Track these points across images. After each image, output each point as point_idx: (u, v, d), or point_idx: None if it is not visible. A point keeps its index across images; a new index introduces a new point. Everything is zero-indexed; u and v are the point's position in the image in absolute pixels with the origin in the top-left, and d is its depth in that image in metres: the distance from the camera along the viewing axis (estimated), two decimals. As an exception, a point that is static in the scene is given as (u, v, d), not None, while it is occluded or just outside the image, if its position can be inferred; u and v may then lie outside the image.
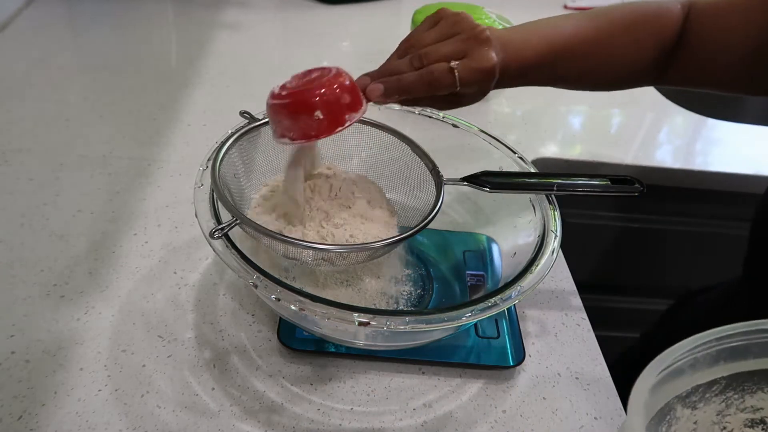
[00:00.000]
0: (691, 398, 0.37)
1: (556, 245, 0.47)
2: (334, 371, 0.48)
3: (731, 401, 0.38)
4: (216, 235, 0.41)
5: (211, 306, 0.52)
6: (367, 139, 0.54)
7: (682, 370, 0.35)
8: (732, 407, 0.39)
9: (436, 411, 0.46)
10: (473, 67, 0.44)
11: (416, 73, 0.44)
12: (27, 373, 0.45)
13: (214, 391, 0.45)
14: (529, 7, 1.06)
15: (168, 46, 0.94)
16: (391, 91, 0.44)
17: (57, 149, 0.68)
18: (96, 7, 1.00)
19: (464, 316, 0.40)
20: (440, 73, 0.44)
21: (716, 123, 0.89)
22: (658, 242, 0.95)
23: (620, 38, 0.53)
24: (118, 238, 0.57)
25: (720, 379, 0.37)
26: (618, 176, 0.51)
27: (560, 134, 0.82)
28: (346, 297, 0.51)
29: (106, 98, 0.78)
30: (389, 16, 1.11)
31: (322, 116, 0.41)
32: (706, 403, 0.38)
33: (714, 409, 0.38)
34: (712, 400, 0.38)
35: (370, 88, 0.44)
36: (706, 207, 0.87)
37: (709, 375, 0.37)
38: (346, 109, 0.42)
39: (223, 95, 0.81)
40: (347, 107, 0.42)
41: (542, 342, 0.52)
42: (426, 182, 0.51)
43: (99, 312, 0.50)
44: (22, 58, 0.84)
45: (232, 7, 1.06)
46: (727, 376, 0.37)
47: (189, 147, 0.70)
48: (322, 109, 0.41)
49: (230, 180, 0.48)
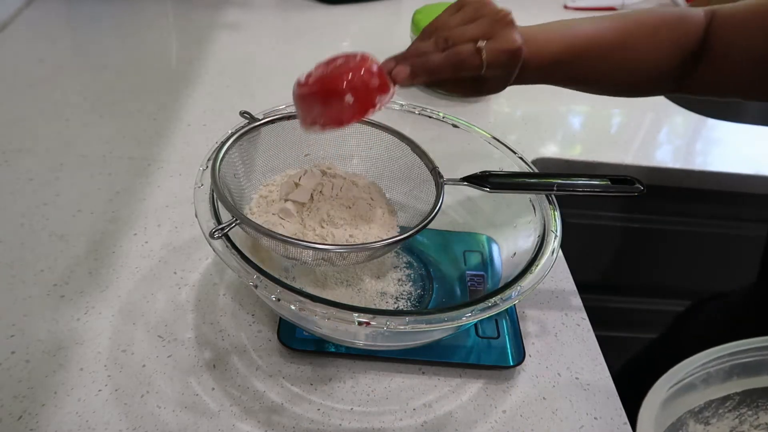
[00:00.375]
0: (704, 413, 0.36)
1: (556, 245, 0.47)
2: (334, 371, 0.48)
3: (745, 417, 0.38)
4: (216, 235, 0.41)
5: (211, 306, 0.52)
6: (368, 139, 0.54)
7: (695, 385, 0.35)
8: (746, 423, 0.38)
9: (436, 411, 0.46)
10: (499, 48, 0.44)
11: (443, 55, 0.44)
12: (27, 373, 0.45)
13: (214, 391, 0.45)
14: (529, 8, 1.06)
15: (168, 46, 0.94)
16: (418, 72, 0.44)
17: (57, 149, 0.68)
18: (96, 7, 1.00)
19: (464, 316, 0.40)
20: (467, 54, 0.44)
21: (716, 123, 0.89)
22: (658, 242, 0.95)
23: (643, 41, 0.52)
24: (118, 238, 0.57)
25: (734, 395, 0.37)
26: (618, 176, 0.51)
27: (560, 134, 0.82)
28: (346, 297, 0.51)
29: (106, 98, 0.78)
30: (389, 16, 1.11)
31: (353, 100, 0.41)
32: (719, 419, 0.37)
33: (727, 425, 0.38)
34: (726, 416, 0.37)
35: (396, 70, 0.43)
36: (706, 207, 0.87)
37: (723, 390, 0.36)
38: (376, 91, 0.42)
39: (223, 95, 0.81)
40: (377, 90, 0.42)
41: (542, 342, 0.52)
42: (426, 182, 0.51)
43: (99, 312, 0.50)
44: (22, 58, 0.84)
45: (232, 7, 1.06)
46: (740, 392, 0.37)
47: (189, 147, 0.70)
48: (353, 93, 0.41)
49: (230, 180, 0.48)
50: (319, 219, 0.47)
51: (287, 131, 0.52)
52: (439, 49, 0.44)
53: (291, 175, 0.51)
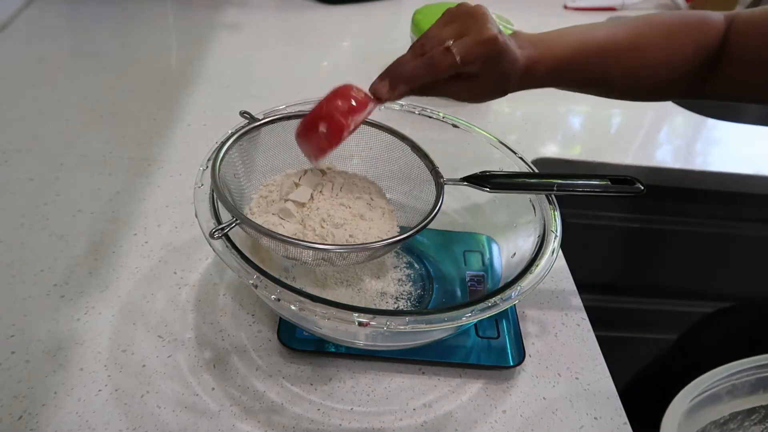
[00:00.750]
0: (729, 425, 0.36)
1: (556, 245, 0.47)
2: (334, 371, 0.48)
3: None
4: (216, 235, 0.41)
5: (211, 306, 0.52)
6: (368, 140, 0.54)
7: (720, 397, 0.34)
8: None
9: (436, 411, 0.46)
10: (472, 41, 0.44)
11: (417, 60, 0.44)
12: (27, 373, 0.45)
13: (214, 391, 0.45)
14: (529, 8, 1.06)
15: (168, 46, 0.94)
16: (395, 81, 0.44)
17: (57, 149, 0.68)
18: (96, 7, 1.00)
19: (464, 316, 0.40)
20: (438, 54, 0.44)
21: (716, 123, 0.89)
22: (658, 242, 0.95)
23: (657, 44, 0.52)
24: (118, 238, 0.57)
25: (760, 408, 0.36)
26: (618, 176, 0.51)
27: (560, 134, 0.82)
28: (346, 297, 0.51)
29: (106, 98, 0.78)
30: (389, 16, 1.11)
31: (326, 128, 0.44)
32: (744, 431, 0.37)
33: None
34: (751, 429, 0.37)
35: (375, 87, 0.44)
36: (706, 207, 0.87)
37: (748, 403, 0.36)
38: (348, 113, 0.44)
39: (223, 95, 0.81)
40: (348, 111, 0.44)
41: (542, 342, 0.52)
42: (426, 182, 0.51)
43: (99, 312, 0.50)
44: (22, 58, 0.84)
45: (232, 7, 1.06)
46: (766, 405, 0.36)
47: (189, 147, 0.70)
48: (324, 122, 0.43)
49: (230, 180, 0.48)
50: (319, 219, 0.47)
51: (287, 131, 0.52)
52: (416, 56, 0.45)
53: (291, 174, 0.51)
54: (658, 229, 0.92)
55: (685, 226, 0.91)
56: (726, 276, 0.90)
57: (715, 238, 0.92)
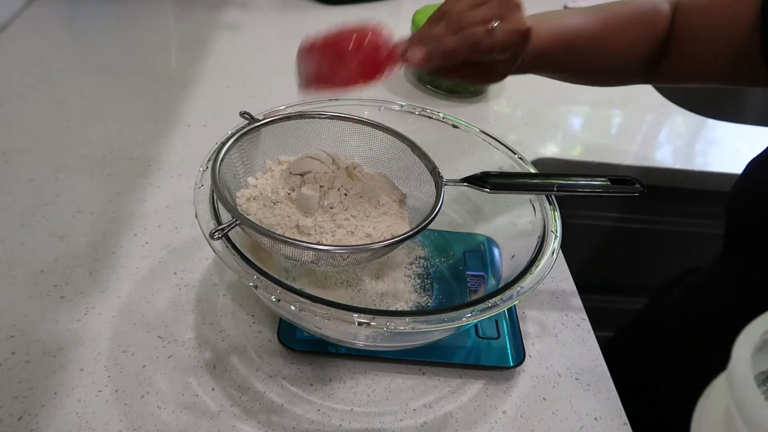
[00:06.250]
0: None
1: (556, 246, 0.47)
2: (334, 372, 0.48)
3: None
4: (216, 236, 0.41)
5: (211, 306, 0.52)
6: (367, 139, 0.54)
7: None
8: None
9: (436, 412, 0.46)
10: (511, 29, 0.45)
11: (457, 37, 0.44)
12: (27, 373, 0.45)
13: (214, 391, 0.45)
14: (529, 8, 1.05)
15: (168, 47, 0.94)
16: (434, 54, 0.44)
17: (57, 149, 0.68)
18: (96, 7, 1.00)
19: (464, 316, 0.40)
20: (481, 35, 0.44)
21: (716, 123, 0.89)
22: (658, 243, 0.95)
23: (618, 35, 0.55)
24: (118, 238, 0.57)
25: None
26: (618, 176, 0.51)
27: (560, 134, 0.82)
28: (346, 297, 0.51)
29: (106, 98, 0.78)
30: (389, 17, 1.11)
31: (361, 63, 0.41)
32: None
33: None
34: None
35: (411, 52, 0.44)
36: (706, 207, 0.87)
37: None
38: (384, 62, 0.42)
39: (223, 95, 0.81)
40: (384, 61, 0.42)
41: (542, 342, 0.52)
42: (426, 183, 0.51)
43: (99, 313, 0.50)
44: (22, 58, 0.84)
45: (233, 7, 1.06)
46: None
47: (189, 147, 0.70)
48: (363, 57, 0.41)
49: (230, 180, 0.48)
50: (327, 216, 0.47)
51: (287, 132, 0.52)
52: (452, 32, 0.44)
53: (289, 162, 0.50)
54: (658, 229, 0.92)
55: (685, 227, 0.91)
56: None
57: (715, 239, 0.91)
